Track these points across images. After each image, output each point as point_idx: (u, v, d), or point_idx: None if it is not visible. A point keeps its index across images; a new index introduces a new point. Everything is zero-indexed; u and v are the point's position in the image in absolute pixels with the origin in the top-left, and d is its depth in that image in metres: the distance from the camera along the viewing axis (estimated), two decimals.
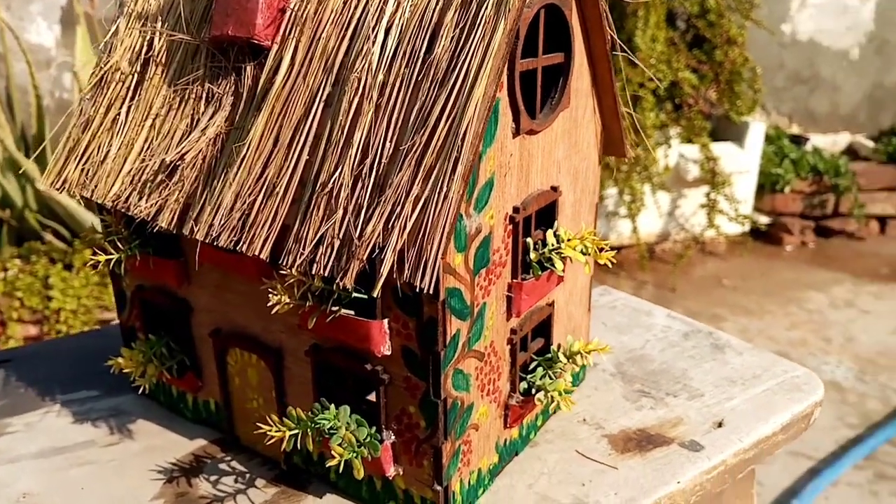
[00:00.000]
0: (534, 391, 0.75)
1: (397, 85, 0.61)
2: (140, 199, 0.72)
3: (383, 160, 0.60)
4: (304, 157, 0.64)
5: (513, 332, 0.72)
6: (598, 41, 0.75)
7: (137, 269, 0.78)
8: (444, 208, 0.56)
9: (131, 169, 0.74)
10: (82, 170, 0.77)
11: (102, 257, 0.75)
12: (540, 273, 0.72)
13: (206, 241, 0.66)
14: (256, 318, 0.74)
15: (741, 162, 3.61)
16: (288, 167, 0.64)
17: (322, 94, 0.65)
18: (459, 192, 0.57)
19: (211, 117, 0.70)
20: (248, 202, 0.65)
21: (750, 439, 0.81)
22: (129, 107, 0.76)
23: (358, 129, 0.61)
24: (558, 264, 0.70)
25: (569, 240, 0.72)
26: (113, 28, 0.81)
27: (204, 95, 0.72)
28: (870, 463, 2.27)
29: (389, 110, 0.61)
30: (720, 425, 0.83)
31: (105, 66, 0.79)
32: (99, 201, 0.74)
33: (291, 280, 0.63)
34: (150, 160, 0.73)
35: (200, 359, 0.82)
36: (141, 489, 0.76)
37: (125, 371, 0.81)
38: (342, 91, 0.63)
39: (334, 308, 0.63)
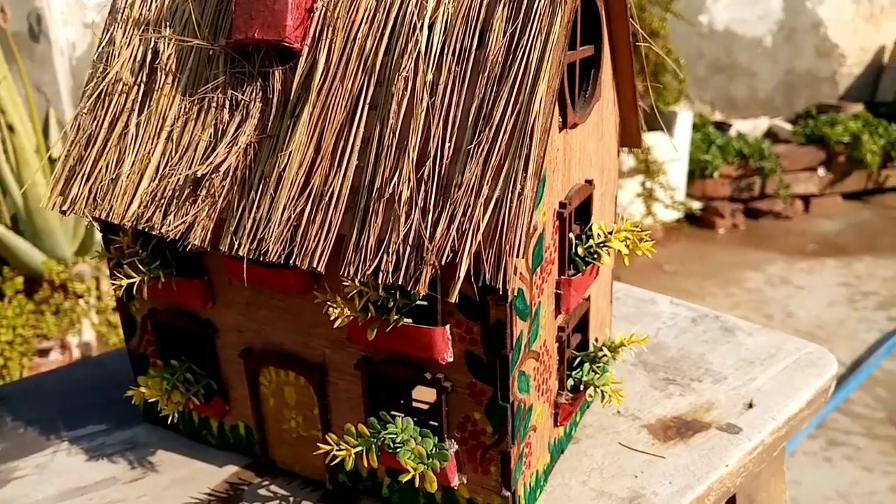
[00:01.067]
0: (582, 387, 0.75)
1: (449, 83, 0.59)
2: (165, 216, 0.68)
3: (444, 161, 0.58)
4: (354, 162, 0.61)
5: (561, 329, 0.72)
6: (621, 31, 0.75)
7: (158, 292, 0.74)
8: (520, 207, 0.55)
9: (150, 185, 0.69)
10: (90, 189, 0.72)
11: (125, 281, 0.70)
12: (584, 268, 0.71)
13: (251, 256, 0.63)
14: (295, 333, 0.71)
15: (672, 150, 3.72)
16: (336, 174, 0.62)
17: (365, 97, 0.62)
18: (534, 189, 0.55)
19: (238, 126, 0.67)
20: (294, 213, 0.62)
21: (782, 417, 0.83)
22: (140, 120, 0.71)
23: (412, 130, 0.59)
24: (606, 258, 0.70)
25: (610, 232, 0.72)
26: (107, 37, 0.76)
27: (227, 104, 0.68)
28: (821, 431, 2.38)
29: (444, 110, 0.59)
30: (751, 406, 0.85)
31: (104, 77, 0.74)
32: (115, 222, 0.69)
33: (352, 291, 0.60)
34: (171, 175, 0.68)
35: (227, 381, 0.78)
36: None
37: (150, 400, 0.76)
38: (388, 92, 0.61)
39: (395, 317, 0.61)
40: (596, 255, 0.71)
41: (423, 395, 0.75)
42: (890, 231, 3.88)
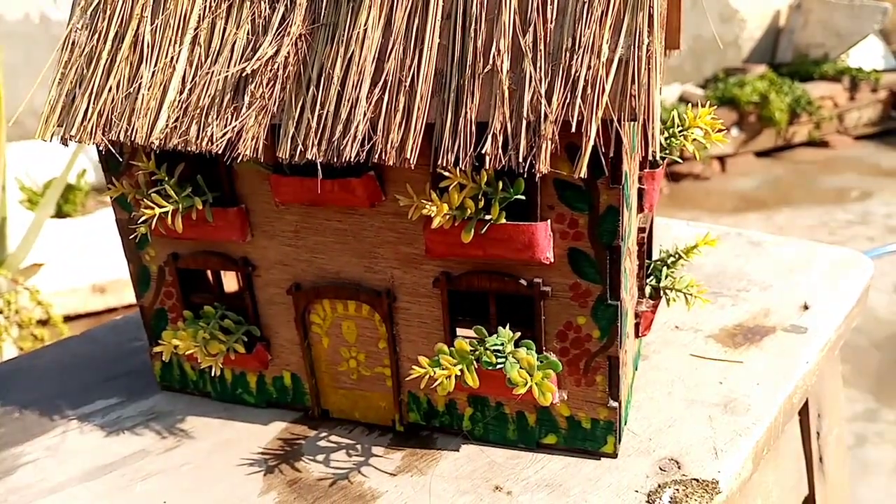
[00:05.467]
0: (662, 293, 0.70)
1: None
2: (203, 128, 0.58)
3: (549, 26, 0.52)
4: (436, 41, 0.54)
5: (641, 230, 0.67)
6: None
7: (185, 228, 0.64)
8: (650, 66, 0.49)
9: (178, 97, 0.60)
10: (100, 111, 0.62)
11: (156, 210, 0.60)
12: (661, 162, 0.67)
13: (322, 160, 0.54)
14: (357, 257, 0.63)
15: None
16: (414, 57, 0.54)
17: None
18: (662, 44, 0.50)
19: (283, 19, 0.58)
20: (369, 106, 0.54)
21: (841, 314, 0.81)
22: (154, 26, 0.62)
23: None
24: (689, 146, 0.66)
25: (681, 126, 0.67)
26: None
27: None
28: None
29: None
30: (806, 308, 0.83)
31: None
32: (141, 142, 0.59)
33: (452, 183, 0.53)
34: (204, 81, 0.59)
35: (268, 327, 0.69)
36: (241, 487, 0.62)
37: (186, 353, 0.66)
38: None
39: (487, 218, 0.54)
40: (670, 149, 0.67)
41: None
42: (802, 184, 4.06)
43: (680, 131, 0.65)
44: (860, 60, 4.55)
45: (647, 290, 0.71)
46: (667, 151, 0.67)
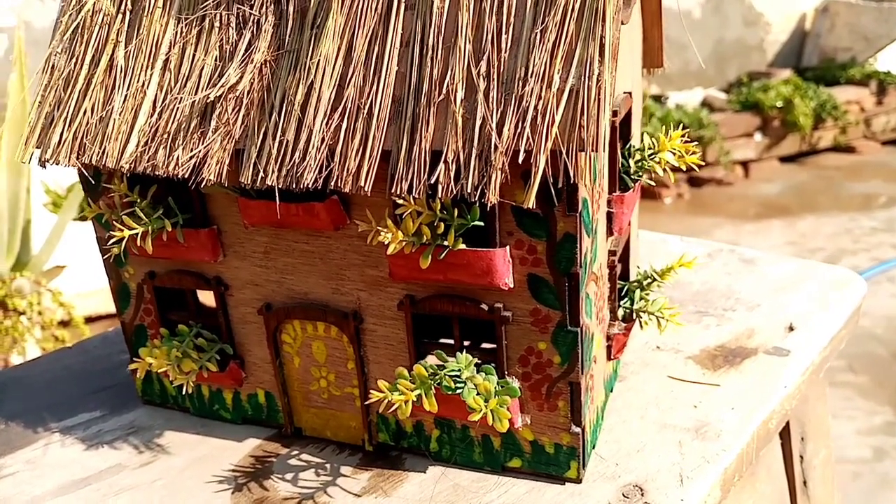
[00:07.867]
0: (634, 316, 0.70)
1: None
2: (170, 153, 0.59)
3: (503, 55, 0.52)
4: (394, 69, 0.54)
5: (612, 253, 0.66)
6: None
7: (157, 250, 0.65)
8: (599, 96, 0.49)
9: (148, 121, 0.61)
10: (75, 133, 0.63)
11: (126, 232, 0.61)
12: (632, 185, 0.66)
13: (281, 186, 0.55)
14: (324, 279, 0.64)
15: None
16: (374, 84, 0.55)
17: None
18: (612, 74, 0.50)
19: (249, 45, 0.59)
20: (328, 133, 0.55)
21: (826, 336, 0.80)
22: (128, 51, 0.63)
23: (460, 26, 0.53)
24: (659, 170, 0.65)
25: (652, 149, 0.67)
26: None
27: (233, 21, 0.60)
28: None
29: (496, 2, 0.53)
30: (792, 329, 0.81)
31: (79, 9, 0.65)
32: (110, 166, 0.61)
33: (406, 211, 0.53)
34: (173, 106, 0.60)
35: (242, 345, 0.70)
36: None
37: (158, 370, 0.67)
38: None
39: (452, 241, 0.55)
40: (642, 172, 0.66)
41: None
42: (827, 190, 3.99)
43: (650, 155, 0.65)
44: (888, 64, 4.46)
45: (622, 312, 0.70)
46: (639, 174, 0.66)
